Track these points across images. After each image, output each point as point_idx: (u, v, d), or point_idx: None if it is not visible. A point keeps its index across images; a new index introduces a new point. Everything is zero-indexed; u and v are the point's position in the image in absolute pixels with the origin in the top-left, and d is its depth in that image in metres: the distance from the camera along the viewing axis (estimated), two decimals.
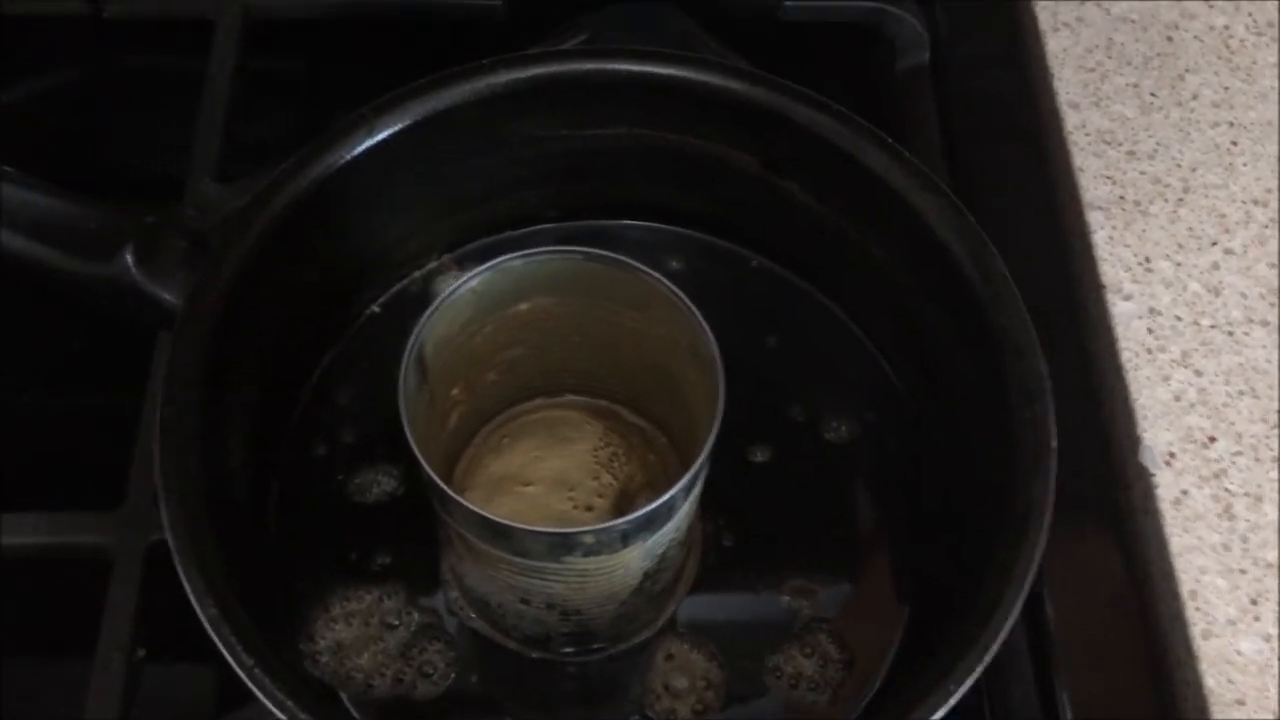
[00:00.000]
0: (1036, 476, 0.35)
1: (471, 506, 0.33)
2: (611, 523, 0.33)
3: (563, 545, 0.33)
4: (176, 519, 0.34)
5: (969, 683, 0.32)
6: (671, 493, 0.33)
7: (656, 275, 0.36)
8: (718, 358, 0.34)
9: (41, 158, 0.42)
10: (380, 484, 0.43)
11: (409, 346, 0.35)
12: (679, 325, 0.36)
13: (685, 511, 0.36)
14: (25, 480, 0.48)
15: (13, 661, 0.46)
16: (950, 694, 0.32)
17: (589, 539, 0.33)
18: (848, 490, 0.44)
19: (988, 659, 0.32)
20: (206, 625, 0.33)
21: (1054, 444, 0.36)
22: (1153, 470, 0.45)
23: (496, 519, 0.32)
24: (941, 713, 0.32)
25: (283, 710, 0.32)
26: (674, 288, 0.36)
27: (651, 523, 0.34)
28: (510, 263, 0.36)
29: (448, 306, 0.35)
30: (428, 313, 0.35)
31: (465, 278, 0.36)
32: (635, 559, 0.35)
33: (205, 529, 0.35)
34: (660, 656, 0.40)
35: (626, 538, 0.34)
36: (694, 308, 0.35)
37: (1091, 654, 0.44)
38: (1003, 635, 0.33)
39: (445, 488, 0.33)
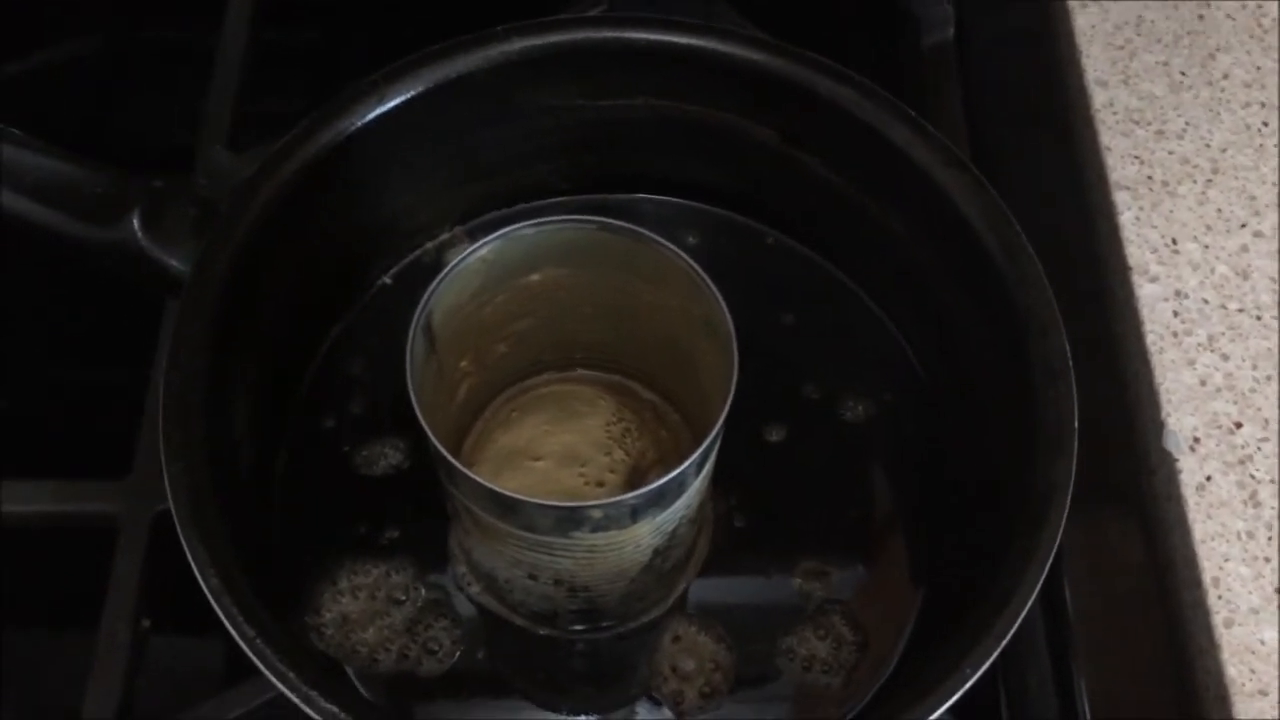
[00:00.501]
0: (1059, 457, 0.34)
1: (479, 479, 0.32)
2: (620, 497, 0.32)
3: (570, 520, 0.33)
4: (180, 486, 0.34)
5: (985, 666, 0.31)
6: (683, 468, 0.32)
7: (672, 247, 0.35)
8: (733, 332, 0.34)
9: (55, 129, 0.42)
10: (389, 457, 0.43)
11: (417, 314, 0.34)
12: (694, 298, 0.35)
13: (696, 488, 0.35)
14: (35, 449, 0.48)
15: (19, 631, 0.46)
16: (967, 677, 0.31)
17: (597, 514, 0.32)
18: (863, 471, 0.43)
19: (1004, 642, 0.32)
20: (208, 595, 0.33)
21: (1076, 424, 0.35)
22: (1177, 455, 0.44)
23: (504, 492, 0.32)
24: (957, 697, 0.31)
25: (284, 682, 0.31)
26: (690, 260, 0.35)
27: (662, 498, 0.33)
28: (522, 231, 0.35)
29: (457, 275, 0.35)
30: (436, 281, 0.34)
31: (475, 246, 0.35)
32: (645, 535, 0.35)
33: (209, 498, 0.35)
34: (668, 638, 0.39)
35: (636, 513, 0.33)
36: (709, 281, 0.35)
37: (1110, 641, 0.43)
38: (1020, 618, 0.32)
39: (452, 459, 0.32)
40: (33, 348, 0.52)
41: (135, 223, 0.38)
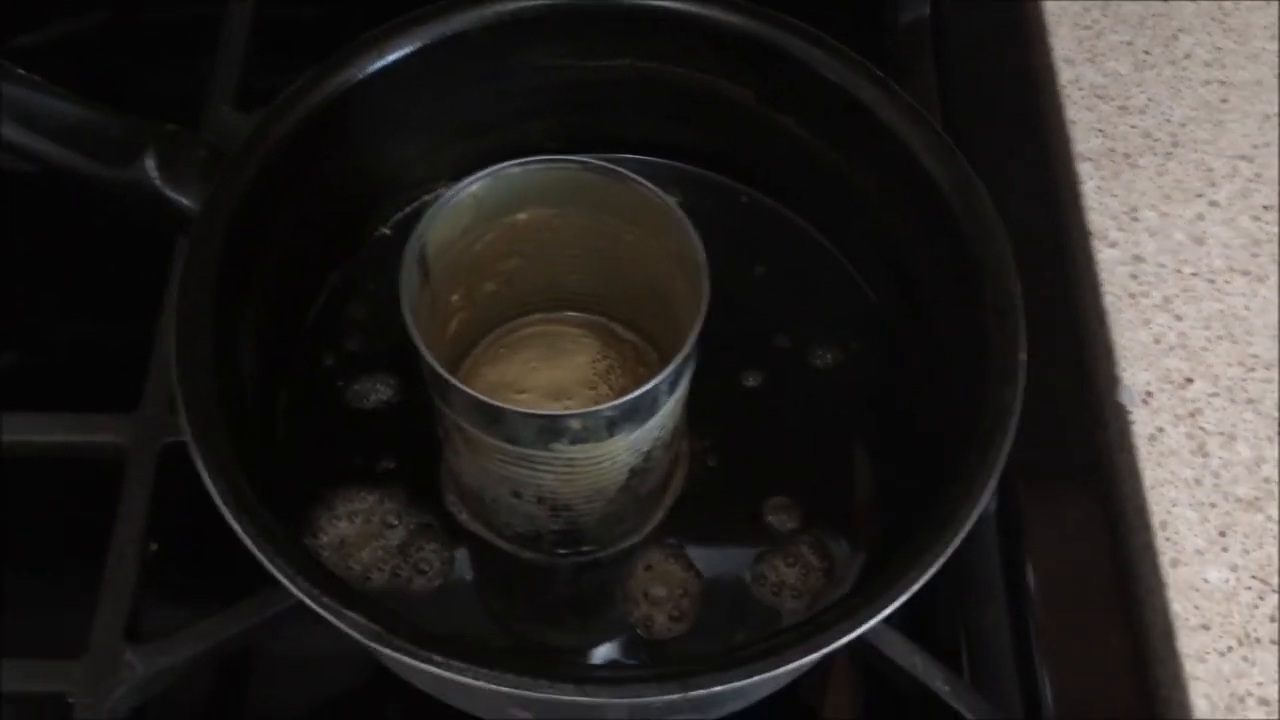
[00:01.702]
0: (1005, 384, 0.36)
1: (466, 389, 0.34)
2: (597, 408, 0.34)
3: (550, 430, 0.35)
4: (191, 404, 0.36)
5: (931, 570, 0.34)
6: (655, 381, 0.35)
7: (648, 185, 0.37)
8: (703, 260, 0.36)
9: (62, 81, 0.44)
10: (382, 393, 0.45)
11: (410, 243, 0.36)
12: (668, 234, 0.37)
13: (670, 409, 0.37)
14: (43, 400, 0.50)
15: (26, 563, 0.47)
16: (913, 582, 0.33)
17: (575, 424, 0.34)
18: (831, 413, 0.45)
19: (951, 548, 0.34)
20: (216, 499, 0.34)
21: (1023, 356, 0.37)
22: (1130, 408, 0.46)
23: (490, 401, 0.34)
24: (903, 599, 0.33)
25: (283, 574, 0.33)
26: (664, 195, 0.37)
27: (636, 412, 0.35)
28: (509, 169, 0.38)
29: (449, 210, 0.37)
30: (429, 214, 0.37)
31: (466, 182, 0.37)
32: (621, 452, 0.37)
33: (218, 419, 0.37)
34: (641, 566, 0.41)
35: (612, 425, 0.35)
36: (682, 213, 0.37)
37: (1064, 580, 0.45)
38: (967, 526, 0.34)
39: (444, 373, 0.34)
40: (41, 301, 0.54)
41: (150, 163, 0.41)
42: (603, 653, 0.41)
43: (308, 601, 0.33)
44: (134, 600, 0.41)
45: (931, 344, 0.43)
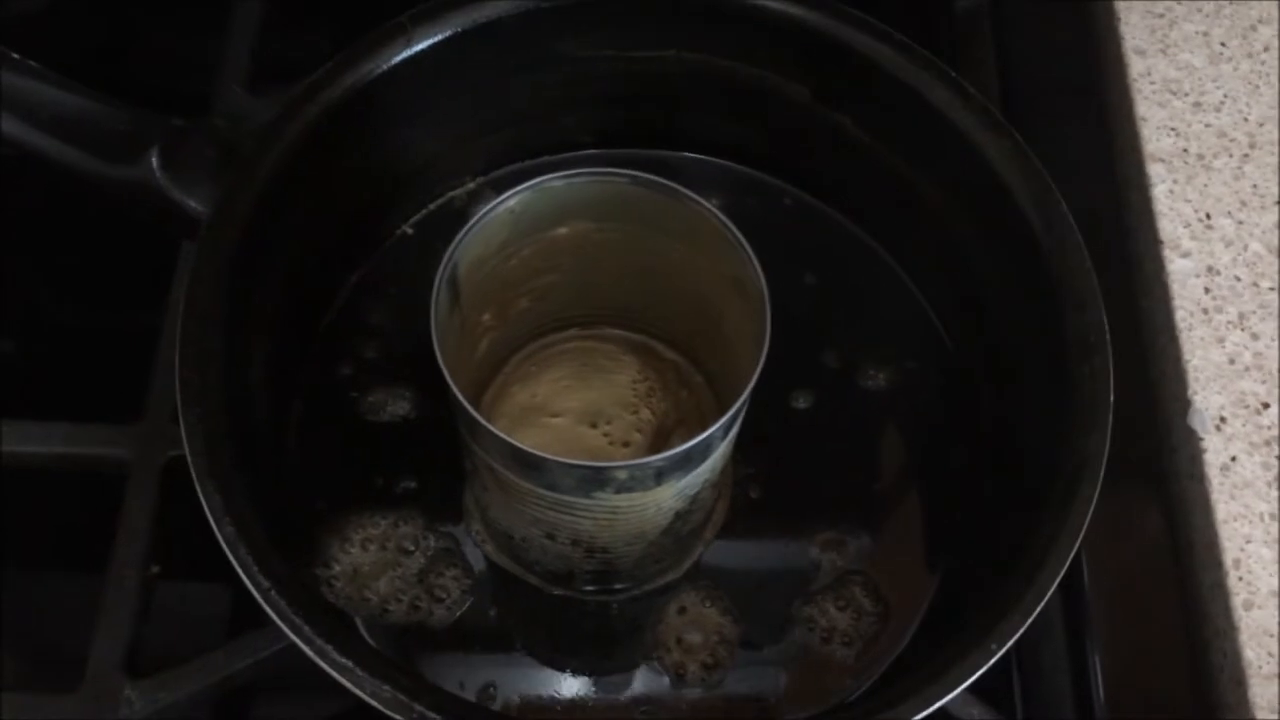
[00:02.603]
0: (1093, 431, 0.33)
1: (501, 435, 0.31)
2: (646, 460, 0.32)
3: (594, 480, 0.32)
4: (196, 433, 0.33)
5: (1011, 642, 0.31)
6: (711, 431, 0.32)
7: (705, 204, 0.34)
8: (765, 293, 0.33)
9: (70, 69, 0.41)
10: (404, 409, 0.42)
11: (442, 266, 0.33)
12: (725, 257, 0.34)
13: (721, 452, 0.35)
14: (45, 392, 0.48)
15: (27, 573, 0.45)
16: (992, 653, 0.31)
17: (622, 474, 0.32)
18: (885, 440, 0.43)
19: (1032, 618, 0.31)
20: (223, 544, 0.32)
21: (1111, 399, 0.34)
22: (1202, 434, 0.43)
23: (527, 449, 0.31)
24: (981, 672, 0.31)
25: (298, 634, 0.31)
26: (723, 218, 0.34)
27: (688, 461, 0.33)
28: (551, 183, 0.34)
29: (483, 226, 0.34)
30: (462, 232, 0.34)
31: (503, 196, 0.34)
32: (668, 498, 0.34)
33: (225, 445, 0.34)
34: (673, 609, 0.39)
35: (661, 475, 0.33)
36: (743, 239, 0.34)
37: (1126, 619, 0.43)
38: (1049, 593, 0.32)
39: (476, 415, 0.32)
40: (43, 291, 0.52)
41: (154, 161, 0.38)
42: (634, 700, 0.38)
43: (336, 676, 0.30)
44: (134, 629, 0.39)
45: (998, 367, 0.40)
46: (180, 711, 0.38)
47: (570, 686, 0.39)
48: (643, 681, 0.38)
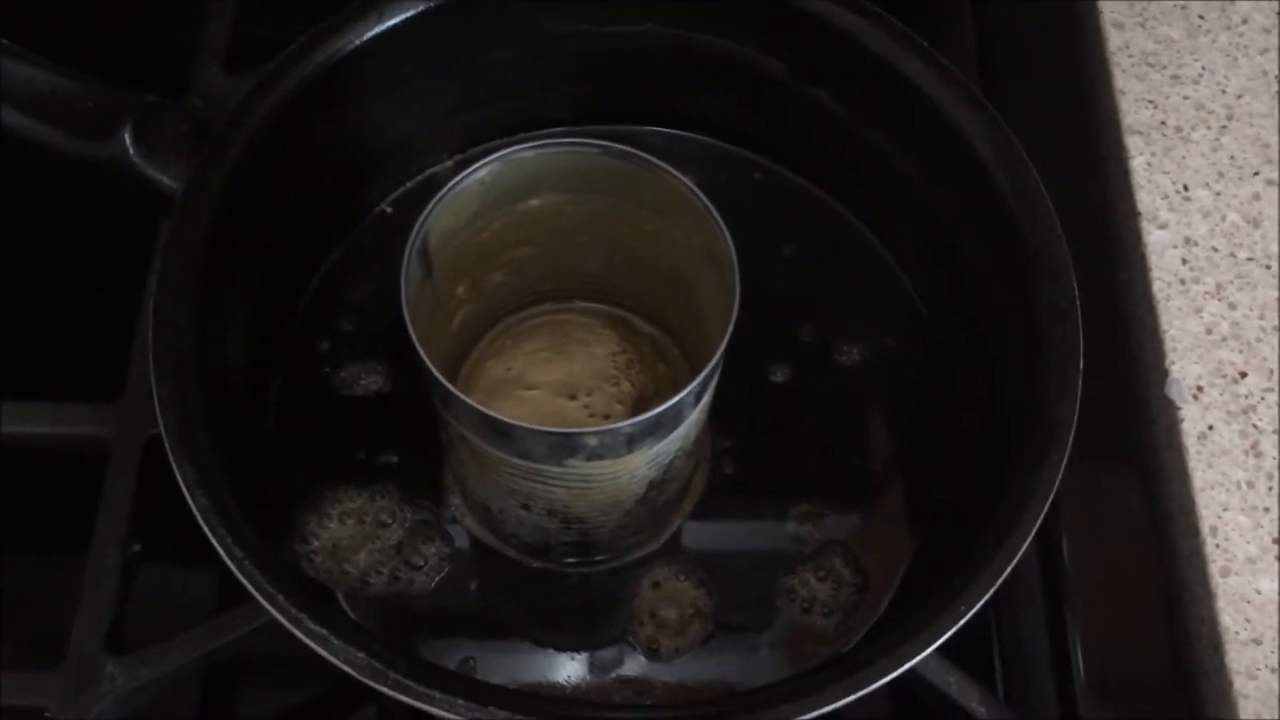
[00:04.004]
0: (1063, 396, 0.34)
1: (474, 404, 0.31)
2: (616, 425, 0.32)
3: (565, 447, 0.32)
4: (169, 407, 0.33)
5: (980, 603, 0.31)
6: (681, 396, 0.32)
7: (676, 174, 0.34)
8: (735, 261, 0.33)
9: (48, 50, 0.41)
10: (382, 385, 0.42)
11: (412, 237, 0.33)
12: (697, 228, 0.34)
13: (694, 420, 0.35)
14: (26, 372, 0.48)
15: (8, 553, 0.45)
16: (961, 614, 0.31)
17: (593, 441, 0.32)
18: (863, 413, 0.43)
19: (1001, 579, 0.31)
20: (197, 515, 0.32)
21: (1081, 364, 0.34)
22: (1179, 404, 0.43)
23: (499, 417, 0.31)
24: (951, 632, 0.31)
25: (274, 605, 0.31)
26: (692, 186, 0.34)
27: (658, 428, 0.33)
28: (522, 154, 0.34)
29: (453, 197, 0.34)
30: (432, 203, 0.34)
31: (474, 167, 0.34)
32: (640, 466, 0.34)
33: (200, 419, 0.34)
34: (647, 584, 0.39)
35: (632, 442, 0.33)
36: (713, 209, 0.34)
37: (1105, 587, 0.43)
38: (1018, 555, 0.32)
39: (448, 385, 0.32)
40: (24, 271, 0.52)
41: (127, 138, 0.38)
42: (612, 673, 0.38)
43: (304, 638, 0.30)
44: (115, 607, 0.39)
45: (974, 338, 0.41)
46: (163, 687, 0.38)
47: (549, 660, 0.39)
48: (620, 654, 0.38)
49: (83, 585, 0.39)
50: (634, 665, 0.38)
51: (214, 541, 0.32)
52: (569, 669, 0.38)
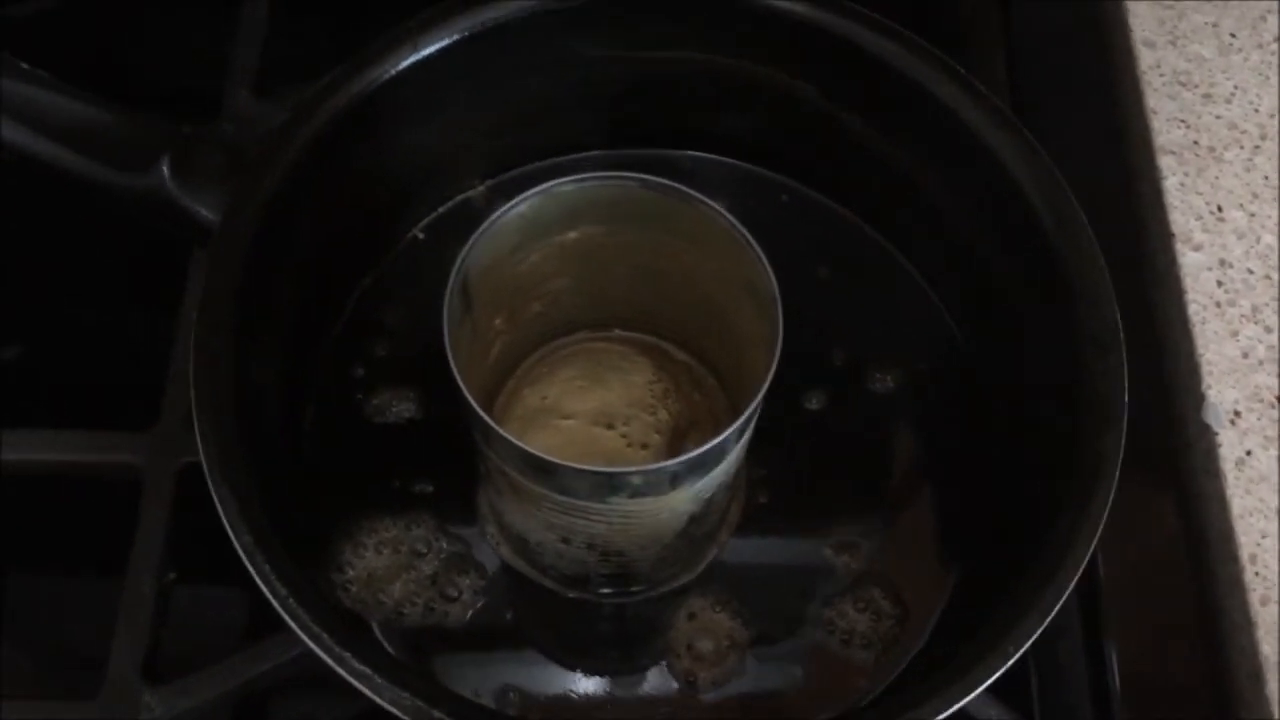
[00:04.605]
0: (1107, 430, 0.33)
1: (515, 441, 0.31)
2: (661, 464, 0.31)
3: (608, 485, 0.32)
4: (211, 441, 0.33)
5: (1029, 643, 0.31)
6: (725, 435, 0.32)
7: (715, 207, 0.34)
8: (777, 296, 0.33)
9: (72, 70, 0.41)
10: (415, 413, 0.42)
11: (454, 273, 0.33)
12: (736, 260, 0.34)
13: (736, 455, 0.34)
14: (57, 395, 0.48)
15: (43, 579, 0.45)
16: (1009, 655, 0.30)
17: (637, 480, 0.31)
18: (898, 440, 0.42)
19: (1050, 618, 0.31)
20: (241, 554, 0.32)
21: (1126, 397, 0.34)
22: (1216, 429, 0.43)
23: (541, 455, 0.31)
24: (999, 674, 0.31)
25: (317, 643, 0.31)
26: (734, 220, 0.34)
27: (702, 465, 0.33)
28: (561, 187, 0.34)
29: (494, 232, 0.34)
30: (473, 238, 0.34)
31: (514, 201, 0.34)
32: (682, 502, 0.34)
33: (239, 452, 0.34)
34: (683, 615, 0.39)
35: (675, 480, 0.32)
36: (754, 242, 0.34)
37: (1142, 615, 0.42)
38: (1066, 593, 0.31)
39: (490, 422, 0.31)
40: (55, 295, 0.52)
41: (164, 170, 0.38)
42: (652, 704, 0.38)
43: (355, 683, 0.30)
44: (152, 635, 0.39)
45: (1011, 367, 0.40)
46: (199, 716, 0.38)
47: (588, 690, 0.39)
48: (659, 685, 0.38)
49: (119, 614, 0.39)
50: (672, 697, 0.38)
51: (257, 579, 0.32)
52: (607, 701, 0.38)
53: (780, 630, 0.39)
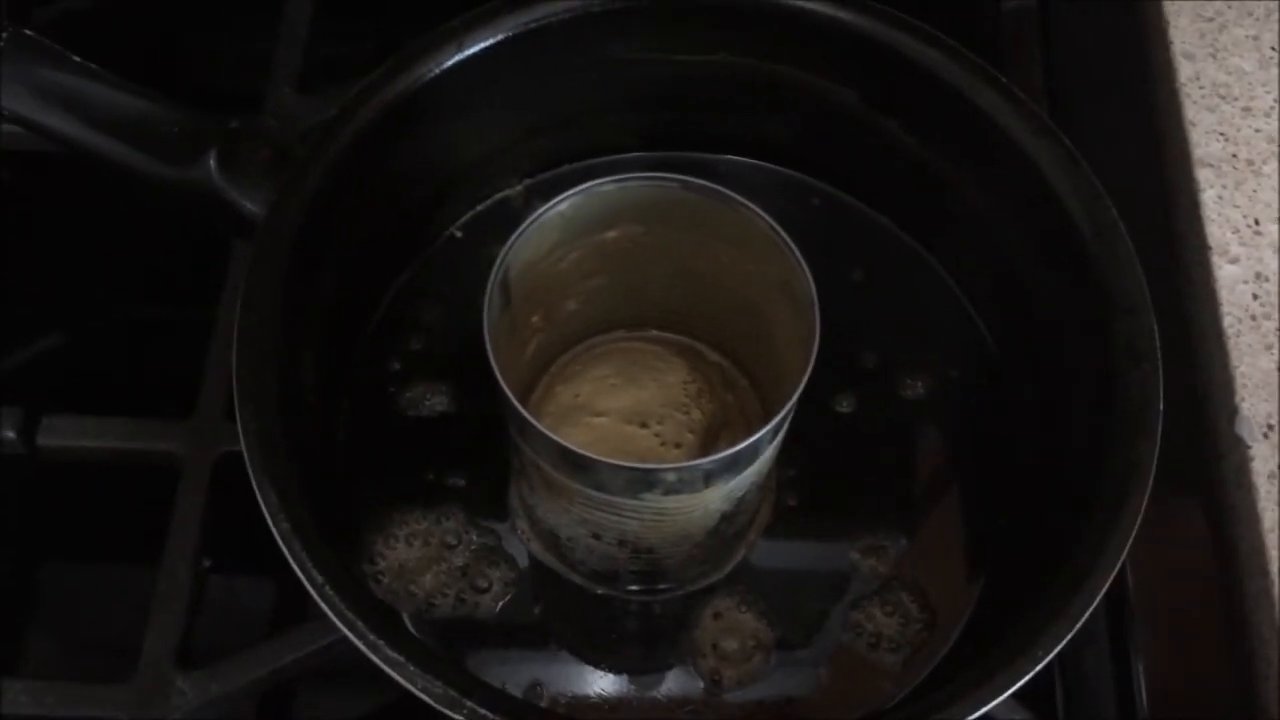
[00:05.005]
0: (1142, 438, 0.33)
1: (552, 435, 0.32)
2: (695, 462, 0.32)
3: (643, 482, 0.32)
4: (252, 431, 0.34)
5: (1059, 648, 0.31)
6: (760, 433, 0.32)
7: (755, 209, 0.34)
8: (815, 298, 0.33)
9: (121, 64, 0.42)
10: (449, 407, 0.42)
11: (495, 269, 0.34)
12: (774, 262, 0.34)
13: (768, 455, 0.35)
14: (96, 385, 0.48)
15: (80, 566, 0.46)
16: (1038, 659, 0.30)
17: (671, 477, 0.32)
18: (928, 444, 0.42)
19: (1080, 624, 0.31)
20: (279, 540, 0.32)
21: (1161, 406, 0.34)
22: (1249, 442, 0.43)
23: (577, 450, 0.31)
24: (1028, 678, 0.31)
25: (352, 630, 0.31)
26: (773, 222, 0.34)
27: (735, 464, 0.33)
28: (602, 187, 0.35)
29: (535, 229, 0.34)
30: (514, 236, 0.34)
31: (555, 200, 0.34)
32: (715, 500, 0.34)
33: (280, 443, 0.35)
34: (709, 614, 0.39)
35: (709, 478, 0.33)
36: (792, 244, 0.34)
37: (1171, 626, 0.42)
38: (1098, 599, 0.31)
39: (527, 415, 0.32)
40: (95, 285, 0.52)
41: (211, 163, 0.38)
42: (677, 702, 0.38)
43: (389, 670, 0.31)
44: (186, 622, 0.40)
45: (1044, 373, 0.40)
46: (231, 702, 0.38)
47: (613, 686, 0.39)
48: (684, 684, 0.38)
49: (153, 600, 0.40)
50: (697, 696, 0.38)
51: (294, 565, 0.32)
52: (633, 697, 0.38)
53: (806, 632, 0.39)
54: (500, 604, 0.40)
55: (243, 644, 0.39)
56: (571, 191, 0.35)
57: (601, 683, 0.39)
